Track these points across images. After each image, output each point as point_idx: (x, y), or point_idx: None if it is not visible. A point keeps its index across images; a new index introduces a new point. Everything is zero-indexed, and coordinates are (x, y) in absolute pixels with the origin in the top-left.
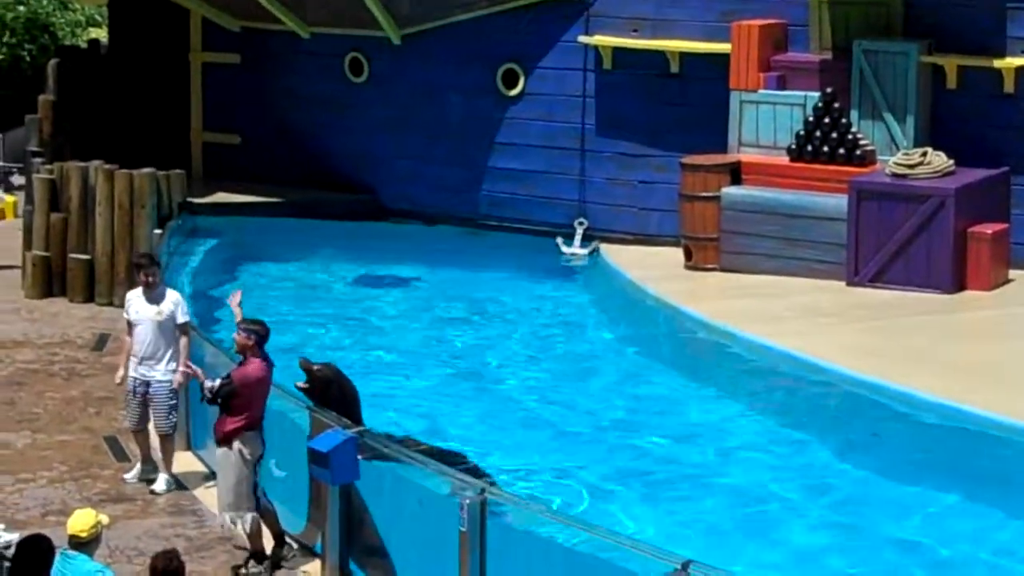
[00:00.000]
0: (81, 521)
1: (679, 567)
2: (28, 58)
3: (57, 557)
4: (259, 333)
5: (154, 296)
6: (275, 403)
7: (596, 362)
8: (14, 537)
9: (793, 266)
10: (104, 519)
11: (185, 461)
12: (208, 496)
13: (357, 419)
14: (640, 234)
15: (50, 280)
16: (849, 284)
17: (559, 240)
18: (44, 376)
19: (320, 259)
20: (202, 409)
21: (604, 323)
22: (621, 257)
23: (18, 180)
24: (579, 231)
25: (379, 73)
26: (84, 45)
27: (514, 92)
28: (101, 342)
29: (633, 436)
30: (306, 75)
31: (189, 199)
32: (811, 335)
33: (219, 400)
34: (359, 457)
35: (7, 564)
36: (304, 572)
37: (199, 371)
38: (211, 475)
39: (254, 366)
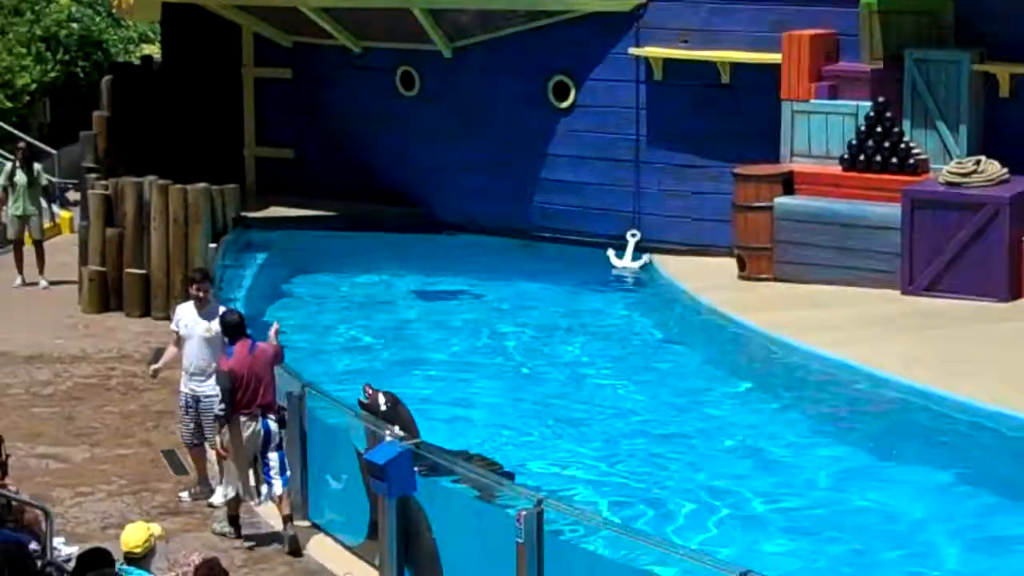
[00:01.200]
0: (134, 536)
1: None
2: (82, 75)
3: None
4: (225, 321)
5: (206, 312)
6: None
7: (650, 374)
8: (74, 551)
9: (847, 276)
10: (157, 530)
11: None
12: (266, 508)
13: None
14: (693, 245)
15: (106, 295)
16: (903, 293)
17: (610, 252)
18: (102, 390)
19: (373, 272)
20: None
21: (658, 335)
22: (674, 268)
23: (73, 196)
24: (631, 243)
25: (430, 86)
26: (137, 61)
27: (565, 104)
28: (157, 356)
29: (689, 447)
30: (358, 89)
31: (243, 213)
32: (866, 344)
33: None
34: (416, 470)
35: None
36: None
37: None
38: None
39: (225, 359)
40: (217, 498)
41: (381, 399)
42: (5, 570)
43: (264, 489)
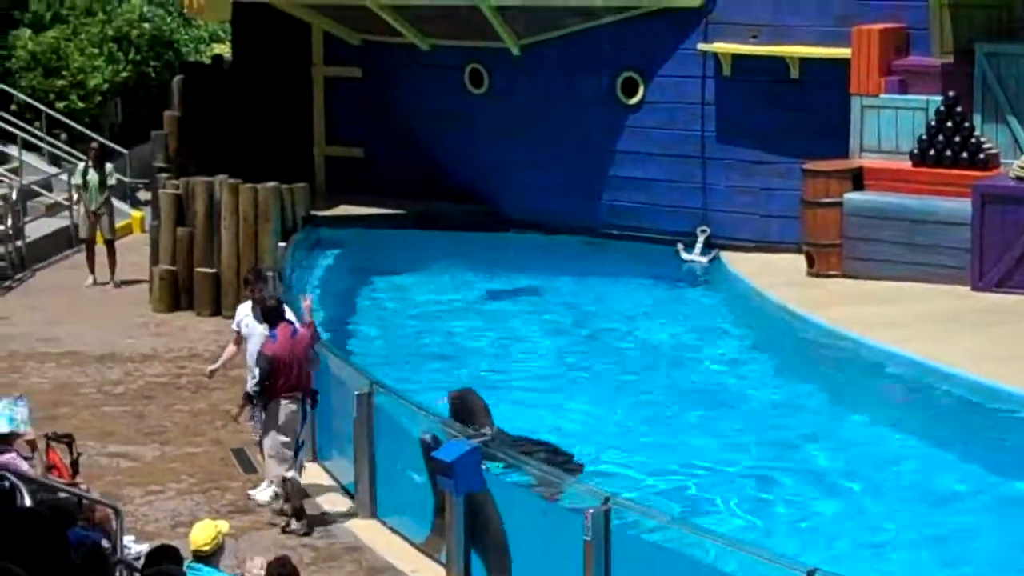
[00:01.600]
0: (203, 533)
1: (804, 575)
2: (153, 75)
3: (185, 570)
4: (266, 306)
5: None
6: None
7: (719, 371)
8: (143, 549)
9: (917, 271)
10: (225, 528)
11: (312, 473)
12: (334, 506)
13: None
14: (762, 241)
15: (177, 294)
16: (973, 289)
17: (680, 247)
18: (172, 389)
19: (442, 270)
20: (328, 421)
21: (728, 332)
22: (743, 264)
23: (144, 195)
24: (701, 238)
25: (499, 84)
26: (208, 61)
27: (634, 100)
28: None
29: (759, 445)
30: (427, 87)
31: (312, 212)
32: (937, 341)
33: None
34: (483, 467)
35: (137, 575)
36: (414, 572)
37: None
38: (339, 484)
39: (270, 343)
40: (261, 495)
41: (453, 397)
42: (84, 568)
43: (295, 474)
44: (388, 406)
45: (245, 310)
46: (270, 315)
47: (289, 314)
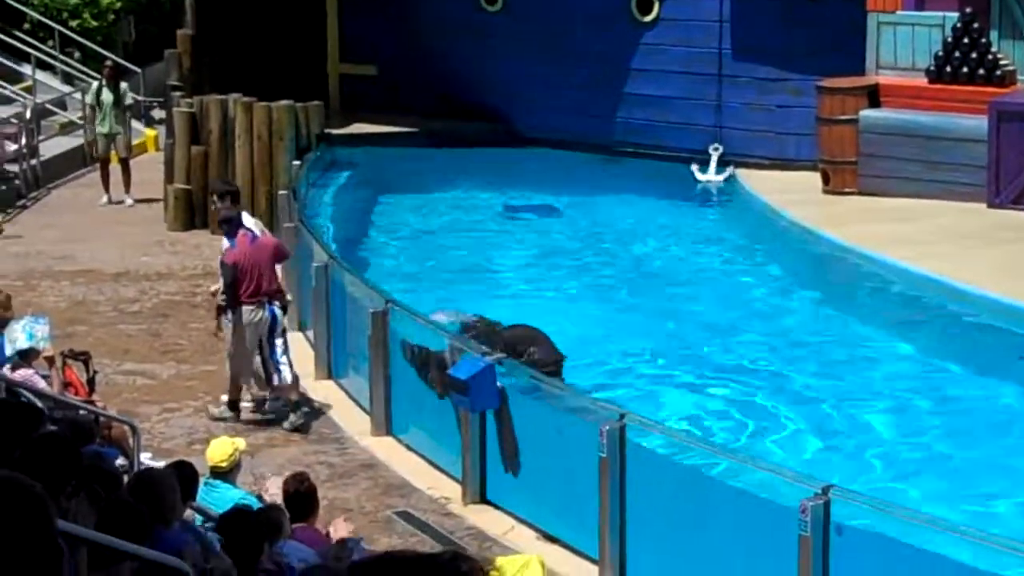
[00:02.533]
0: (220, 450)
1: (819, 491)
2: None
3: (201, 487)
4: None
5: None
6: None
7: (734, 288)
8: (160, 465)
9: (933, 189)
10: (242, 445)
11: (327, 390)
12: (350, 423)
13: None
14: (777, 159)
15: (192, 213)
16: (990, 206)
17: (694, 167)
18: (187, 307)
19: (456, 187)
20: (343, 339)
21: (743, 249)
22: (758, 182)
23: (158, 114)
24: (714, 156)
25: (514, 1)
26: None
27: (649, 18)
28: None
29: (771, 363)
30: (441, 4)
31: (327, 130)
32: (953, 258)
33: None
34: (498, 384)
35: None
36: (446, 498)
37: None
38: (355, 402)
39: (230, 251)
40: (214, 409)
41: (470, 318)
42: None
43: (276, 377)
44: (403, 324)
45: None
46: (226, 225)
47: (249, 222)
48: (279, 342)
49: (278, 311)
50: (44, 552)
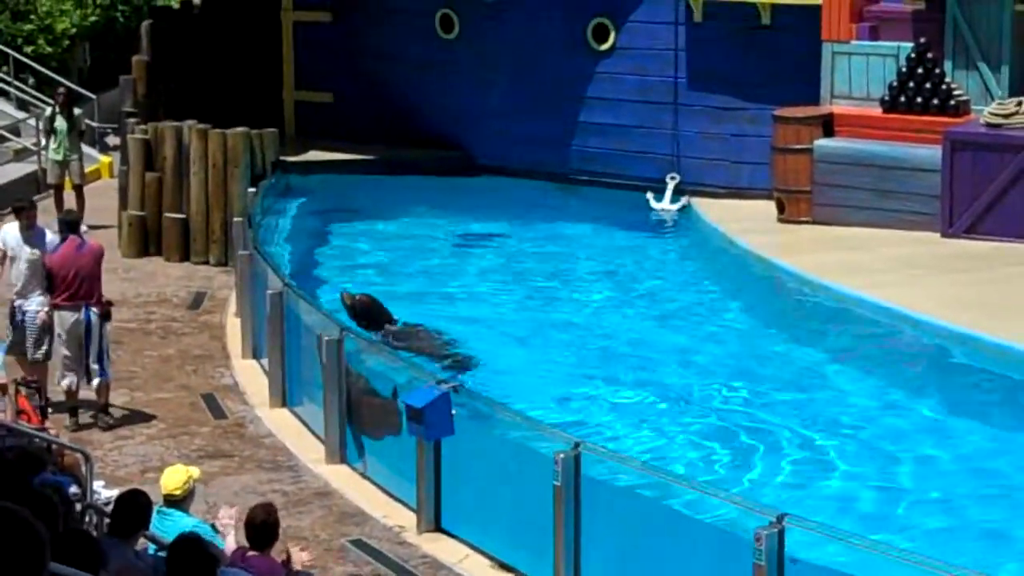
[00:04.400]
0: (174, 478)
1: (774, 520)
2: (121, 19)
3: (154, 515)
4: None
5: (30, 237)
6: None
7: (688, 316)
8: (113, 493)
9: (887, 218)
10: (195, 473)
11: (282, 418)
12: (305, 451)
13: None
14: (732, 187)
15: (146, 239)
16: (943, 236)
17: (649, 195)
18: (141, 335)
19: (412, 215)
20: (297, 366)
21: (697, 278)
22: (713, 211)
23: (113, 141)
24: (670, 185)
25: (470, 30)
26: (177, 6)
27: (605, 47)
28: (197, 301)
29: (725, 390)
30: (397, 32)
31: (282, 157)
32: (906, 287)
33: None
34: (452, 413)
35: (106, 520)
36: (400, 526)
37: None
38: (309, 430)
39: (51, 254)
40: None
41: (359, 300)
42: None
43: (95, 381)
44: (357, 352)
45: (12, 231)
46: (63, 226)
47: (85, 233)
48: (94, 346)
49: (94, 316)
50: None
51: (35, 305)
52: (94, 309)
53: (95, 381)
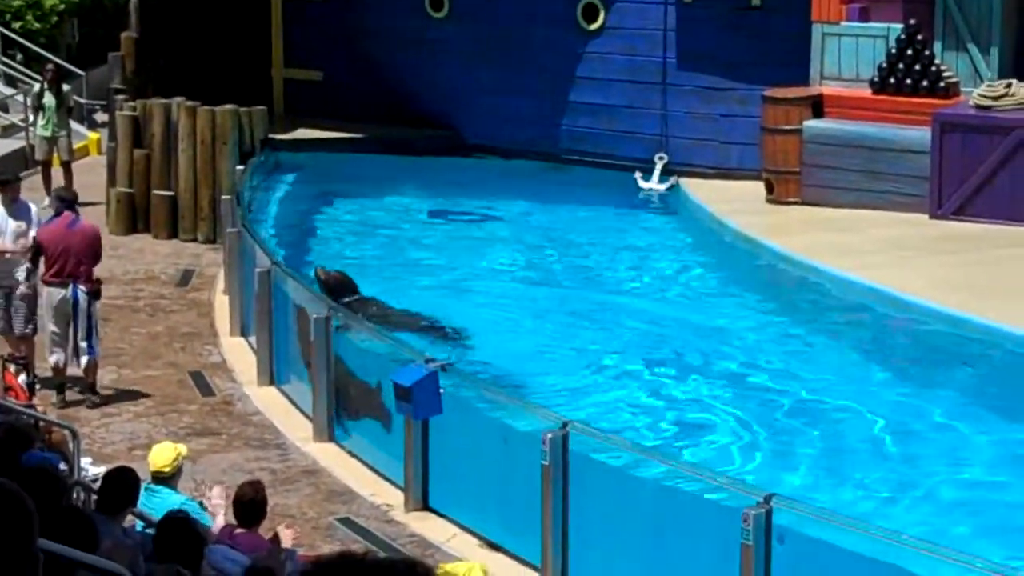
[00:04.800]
0: (162, 455)
1: (761, 500)
2: None
3: (141, 492)
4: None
5: (15, 210)
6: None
7: (676, 297)
8: (100, 470)
9: (875, 199)
10: (184, 450)
11: (270, 396)
12: (292, 429)
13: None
14: (721, 168)
15: (134, 216)
16: (932, 217)
17: (637, 175)
18: (129, 312)
19: (401, 195)
20: (285, 345)
21: (685, 258)
22: (702, 191)
23: (101, 117)
24: (659, 165)
25: (459, 8)
26: None
27: (594, 26)
28: (185, 278)
29: (714, 372)
30: (387, 10)
31: (271, 135)
32: (895, 268)
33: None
34: (441, 392)
35: (94, 497)
36: (388, 505)
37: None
38: (298, 409)
39: (42, 228)
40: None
41: (332, 276)
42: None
43: (84, 359)
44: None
45: None
46: (57, 202)
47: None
48: (82, 324)
49: (81, 293)
50: (23, 564)
51: (21, 280)
52: (82, 287)
53: (83, 359)
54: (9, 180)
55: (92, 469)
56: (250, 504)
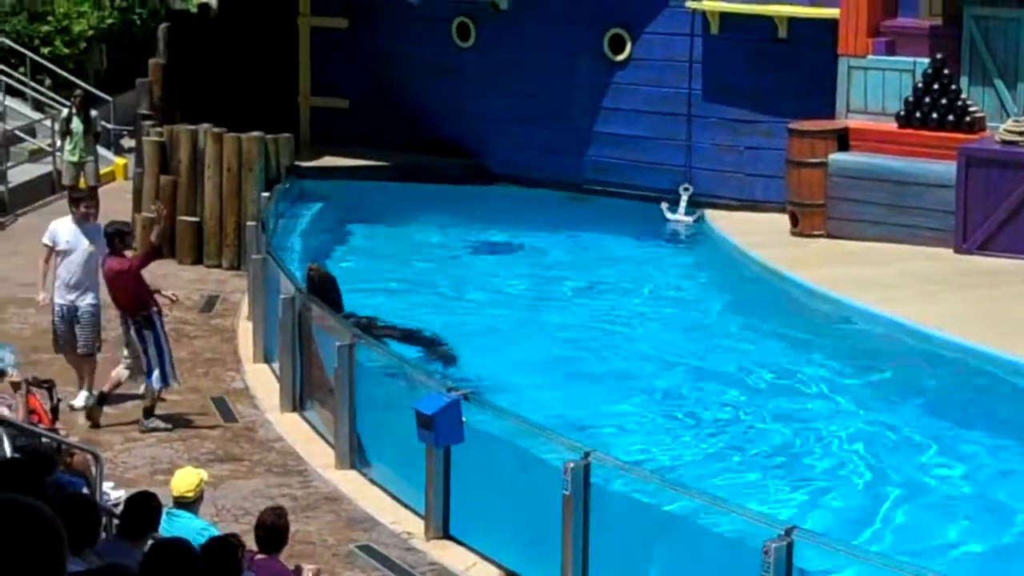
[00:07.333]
0: (185, 481)
1: (782, 532)
2: (139, 22)
3: (163, 517)
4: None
5: (88, 229)
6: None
7: (702, 330)
8: (122, 494)
9: (900, 233)
10: (206, 476)
11: (291, 422)
12: (314, 456)
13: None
14: (746, 200)
15: (160, 244)
16: (957, 252)
17: (664, 206)
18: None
19: (425, 223)
20: (310, 371)
21: (709, 290)
22: (727, 223)
23: (128, 143)
24: (684, 197)
25: (486, 38)
26: (194, 9)
27: (621, 57)
28: (209, 304)
29: (739, 405)
30: (414, 40)
31: (296, 163)
32: (920, 303)
33: None
34: (463, 420)
35: (116, 521)
36: (409, 533)
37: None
38: (320, 435)
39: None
40: (78, 401)
41: (324, 275)
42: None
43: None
44: (369, 358)
45: (65, 224)
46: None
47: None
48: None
49: (134, 328)
50: None
51: (90, 299)
52: (130, 321)
53: (145, 382)
54: (81, 197)
55: (114, 493)
56: (271, 530)
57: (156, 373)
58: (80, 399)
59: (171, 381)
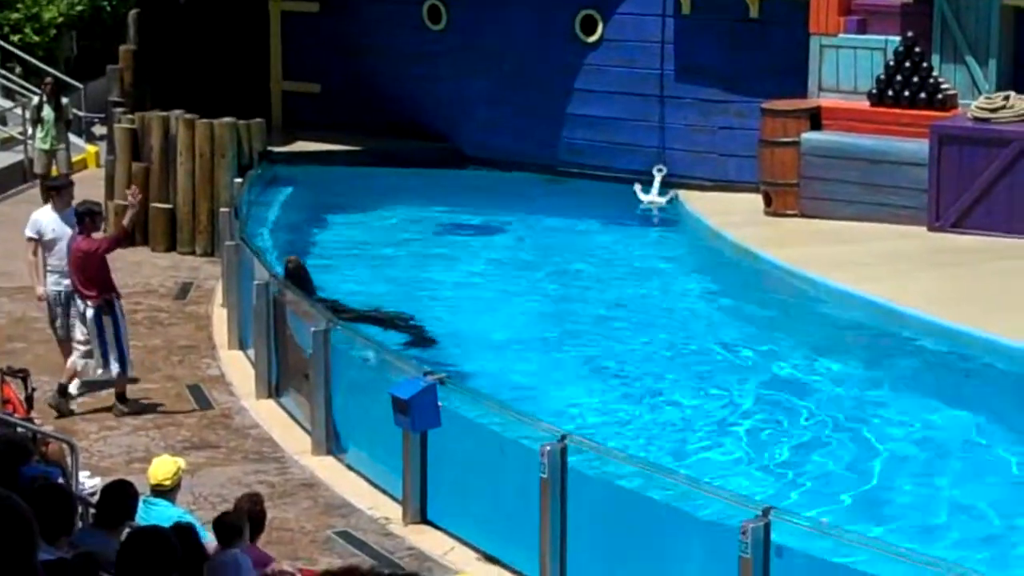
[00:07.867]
0: (163, 469)
1: (760, 513)
2: (109, 8)
3: (140, 504)
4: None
5: (66, 216)
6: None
7: (675, 310)
8: (98, 483)
9: (873, 212)
10: (183, 464)
11: (267, 408)
12: (291, 443)
13: None
14: (719, 180)
15: (132, 229)
16: (930, 229)
17: (637, 187)
18: (127, 325)
19: (398, 207)
20: (284, 357)
21: (683, 270)
22: (700, 204)
23: (100, 130)
24: (657, 178)
25: (457, 20)
26: None
27: (593, 38)
28: (183, 291)
29: (712, 385)
30: (385, 23)
31: (269, 148)
32: (893, 281)
33: None
34: (439, 405)
35: (92, 510)
36: (386, 518)
37: None
38: (296, 422)
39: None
40: (74, 388)
41: (301, 267)
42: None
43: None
44: (344, 343)
45: (46, 214)
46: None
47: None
48: (94, 337)
49: (89, 310)
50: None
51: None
52: (89, 303)
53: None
54: (63, 185)
55: (89, 482)
56: (248, 517)
57: (114, 359)
58: (74, 386)
59: (128, 369)
